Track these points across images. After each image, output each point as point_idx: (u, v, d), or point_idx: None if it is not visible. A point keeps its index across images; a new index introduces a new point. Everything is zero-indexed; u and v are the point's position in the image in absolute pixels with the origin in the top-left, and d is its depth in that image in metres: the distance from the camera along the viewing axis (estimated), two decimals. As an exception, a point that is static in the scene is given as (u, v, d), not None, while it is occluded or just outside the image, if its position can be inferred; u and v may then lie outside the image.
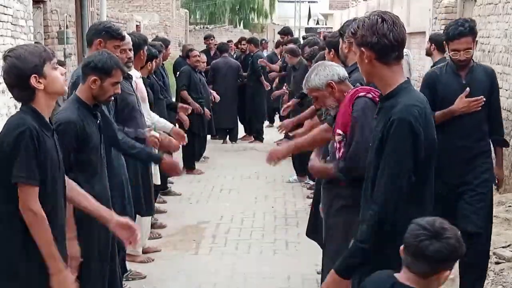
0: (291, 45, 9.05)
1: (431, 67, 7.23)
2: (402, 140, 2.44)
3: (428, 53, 7.34)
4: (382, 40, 2.50)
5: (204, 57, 9.92)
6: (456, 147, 4.14)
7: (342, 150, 3.49)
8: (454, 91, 4.15)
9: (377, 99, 3.34)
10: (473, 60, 4.22)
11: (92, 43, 4.24)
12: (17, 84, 2.70)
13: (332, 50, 4.82)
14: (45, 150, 2.66)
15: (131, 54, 4.68)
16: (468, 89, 4.11)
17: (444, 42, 4.24)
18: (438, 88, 4.20)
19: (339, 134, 3.47)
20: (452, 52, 4.14)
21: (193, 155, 9.08)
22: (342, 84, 3.61)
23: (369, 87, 3.48)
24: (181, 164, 8.60)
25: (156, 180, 5.78)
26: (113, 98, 3.76)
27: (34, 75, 2.66)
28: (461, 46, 4.08)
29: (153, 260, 5.44)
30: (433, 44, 7.19)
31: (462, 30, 4.07)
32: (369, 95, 3.44)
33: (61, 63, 5.81)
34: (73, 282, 2.82)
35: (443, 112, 4.13)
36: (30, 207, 2.63)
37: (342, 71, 3.65)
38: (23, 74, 2.66)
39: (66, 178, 2.94)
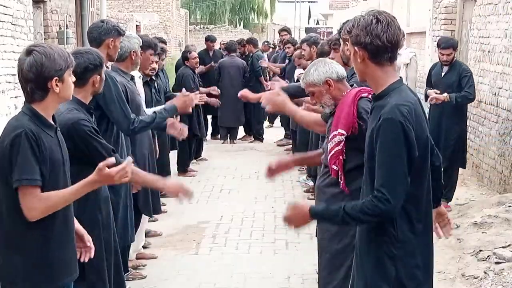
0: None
1: (445, 73, 6.83)
2: (393, 142, 2.41)
3: (452, 60, 6.90)
4: (375, 41, 2.49)
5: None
6: None
7: (336, 149, 3.43)
8: None
9: None
10: None
11: (102, 43, 4.19)
12: (35, 81, 2.66)
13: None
14: (46, 150, 2.65)
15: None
16: None
17: None
18: None
19: (342, 134, 3.42)
20: None
21: (188, 157, 8.96)
22: (339, 83, 3.61)
23: (369, 88, 3.46)
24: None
25: None
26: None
27: (56, 77, 2.67)
28: None
29: (145, 266, 5.33)
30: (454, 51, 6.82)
31: None
32: (371, 96, 3.42)
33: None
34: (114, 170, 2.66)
35: None
36: (31, 207, 2.62)
37: (341, 70, 3.65)
38: (46, 74, 2.65)
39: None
